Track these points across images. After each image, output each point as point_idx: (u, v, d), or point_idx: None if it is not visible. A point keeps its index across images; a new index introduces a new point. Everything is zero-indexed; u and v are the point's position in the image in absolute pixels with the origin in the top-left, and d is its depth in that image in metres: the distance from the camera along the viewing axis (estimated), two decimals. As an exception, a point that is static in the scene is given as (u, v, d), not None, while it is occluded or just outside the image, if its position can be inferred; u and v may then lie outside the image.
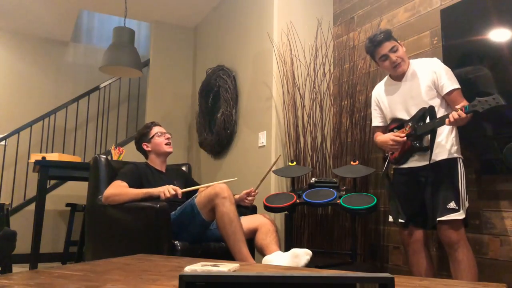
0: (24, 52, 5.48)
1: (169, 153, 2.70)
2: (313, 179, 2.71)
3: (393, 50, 2.24)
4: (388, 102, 2.38)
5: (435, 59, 2.30)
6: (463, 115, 1.96)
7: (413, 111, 2.23)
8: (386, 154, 2.40)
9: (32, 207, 4.13)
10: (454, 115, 1.98)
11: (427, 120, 2.16)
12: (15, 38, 5.43)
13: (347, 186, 2.85)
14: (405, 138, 2.21)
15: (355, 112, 3.14)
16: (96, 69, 4.55)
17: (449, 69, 2.24)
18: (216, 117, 3.99)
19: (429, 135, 2.14)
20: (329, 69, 3.48)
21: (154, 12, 4.74)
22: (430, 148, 2.13)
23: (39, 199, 3.43)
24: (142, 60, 4.05)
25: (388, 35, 2.26)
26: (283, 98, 3.27)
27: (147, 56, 5.13)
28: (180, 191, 2.36)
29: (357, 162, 2.75)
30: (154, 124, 2.75)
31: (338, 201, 2.50)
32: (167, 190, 2.31)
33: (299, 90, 3.30)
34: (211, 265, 1.34)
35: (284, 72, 3.29)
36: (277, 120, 3.27)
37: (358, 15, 3.35)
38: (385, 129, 2.47)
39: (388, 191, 2.46)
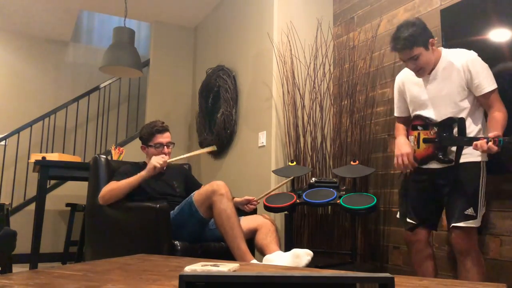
0: (24, 52, 5.48)
1: None
2: (313, 179, 2.71)
3: (413, 58, 2.05)
4: (414, 95, 2.20)
5: (472, 53, 2.07)
6: (495, 149, 1.80)
7: (442, 111, 2.07)
8: None
9: (32, 207, 4.13)
10: (483, 145, 1.81)
11: (454, 131, 2.02)
12: (15, 38, 5.43)
13: (347, 186, 2.85)
14: (414, 164, 2.11)
15: (355, 112, 3.14)
16: (96, 69, 4.55)
17: (486, 66, 2.04)
18: (216, 117, 3.99)
19: (455, 148, 2.01)
20: (329, 69, 3.48)
21: (154, 12, 4.74)
22: (456, 160, 2.00)
23: (39, 199, 3.43)
24: (142, 60, 4.05)
25: (409, 43, 2.03)
26: (283, 98, 3.27)
27: (147, 56, 5.13)
28: (166, 158, 2.43)
29: (357, 162, 2.75)
30: (159, 131, 2.58)
31: (338, 201, 2.50)
32: (157, 163, 2.37)
33: (299, 90, 3.30)
34: (211, 265, 1.34)
35: (284, 72, 3.29)
36: (277, 120, 3.27)
37: (358, 15, 3.35)
38: (407, 120, 2.31)
39: (401, 187, 2.34)
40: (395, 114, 2.39)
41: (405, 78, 2.28)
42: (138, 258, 1.68)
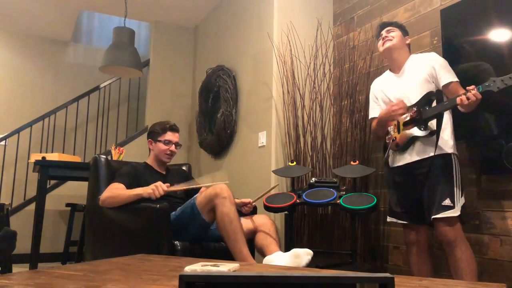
0: (24, 52, 5.48)
1: (166, 163, 2.69)
2: (313, 179, 2.71)
3: (389, 31, 2.35)
4: (387, 95, 2.37)
5: (432, 53, 2.31)
6: (479, 96, 1.90)
7: (414, 98, 2.20)
8: (387, 141, 2.35)
9: (32, 207, 4.13)
10: (469, 95, 1.90)
11: (433, 104, 2.13)
12: (15, 38, 5.43)
13: (347, 186, 2.85)
14: (404, 104, 2.22)
15: (355, 112, 3.14)
16: (96, 69, 4.55)
17: (447, 62, 2.24)
18: (216, 117, 3.99)
19: (435, 121, 2.09)
20: (329, 69, 3.48)
21: (154, 12, 4.74)
22: (436, 134, 2.08)
23: (39, 199, 3.43)
24: (142, 60, 4.05)
25: (396, 24, 2.40)
26: (283, 98, 3.27)
27: (147, 56, 5.13)
28: (165, 188, 2.31)
29: (357, 162, 2.75)
30: (171, 129, 2.65)
31: (338, 201, 2.50)
32: (157, 191, 2.28)
33: (299, 90, 3.30)
34: (211, 265, 1.34)
35: (284, 72, 3.29)
36: (277, 120, 3.27)
37: (358, 15, 3.35)
38: None
39: (386, 180, 2.43)
40: (372, 116, 2.48)
41: (379, 83, 2.48)
42: (138, 258, 1.68)
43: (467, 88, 1.95)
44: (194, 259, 1.71)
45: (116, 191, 2.36)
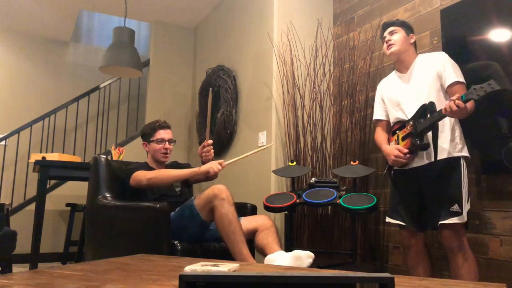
0: (24, 52, 5.48)
1: (163, 162, 2.68)
2: (313, 179, 2.71)
3: (393, 32, 2.30)
4: (394, 95, 2.32)
5: (442, 52, 2.25)
6: (462, 104, 1.87)
7: (416, 105, 2.16)
8: None
9: (32, 207, 4.13)
10: (451, 104, 1.89)
11: (428, 116, 2.10)
12: (15, 38, 5.43)
13: (347, 186, 2.85)
14: (408, 153, 2.15)
15: (355, 112, 3.14)
16: (96, 69, 4.55)
17: (456, 64, 2.19)
18: (216, 117, 3.99)
19: (431, 132, 2.08)
20: (329, 69, 3.48)
21: (154, 12, 4.74)
22: (434, 144, 2.06)
23: (39, 199, 3.43)
24: (142, 60, 4.05)
25: (399, 23, 2.33)
26: (283, 98, 3.27)
27: (147, 56, 5.13)
28: (224, 164, 2.38)
29: (357, 162, 2.75)
30: (161, 127, 2.65)
31: (338, 201, 2.50)
32: (215, 167, 2.35)
33: (299, 90, 3.30)
34: (211, 265, 1.34)
35: (284, 72, 3.29)
36: (277, 120, 3.27)
37: (358, 15, 3.35)
38: (387, 125, 2.42)
39: (391, 184, 2.41)
40: (376, 118, 2.48)
41: (386, 83, 2.45)
42: (138, 258, 1.68)
43: (451, 98, 1.94)
44: (194, 259, 1.71)
45: (164, 172, 2.44)
